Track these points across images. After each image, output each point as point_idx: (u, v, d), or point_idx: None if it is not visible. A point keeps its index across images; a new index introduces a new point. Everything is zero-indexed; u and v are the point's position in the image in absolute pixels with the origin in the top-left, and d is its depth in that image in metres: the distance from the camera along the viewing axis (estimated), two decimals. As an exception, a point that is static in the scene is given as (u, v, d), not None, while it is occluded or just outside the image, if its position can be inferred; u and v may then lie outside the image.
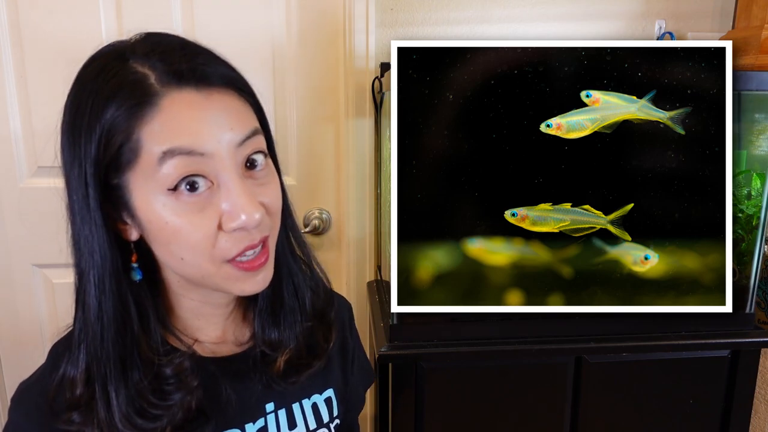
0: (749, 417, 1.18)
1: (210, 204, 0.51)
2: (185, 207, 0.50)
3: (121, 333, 0.53)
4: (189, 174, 0.49)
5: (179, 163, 0.49)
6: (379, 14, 1.37)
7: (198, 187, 0.50)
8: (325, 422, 0.70)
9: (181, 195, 0.50)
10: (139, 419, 0.53)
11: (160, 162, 0.49)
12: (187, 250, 0.52)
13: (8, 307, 1.39)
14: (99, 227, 0.52)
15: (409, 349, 1.07)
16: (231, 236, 0.52)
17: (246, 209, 0.51)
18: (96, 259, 0.53)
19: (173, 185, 0.49)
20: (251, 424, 0.63)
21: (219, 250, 0.52)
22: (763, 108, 1.25)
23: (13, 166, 1.32)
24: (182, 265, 0.54)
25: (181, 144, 0.49)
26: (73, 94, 0.54)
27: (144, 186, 0.50)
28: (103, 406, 0.53)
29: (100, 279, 0.53)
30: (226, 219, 0.51)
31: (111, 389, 0.53)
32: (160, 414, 0.54)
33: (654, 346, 1.11)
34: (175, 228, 0.51)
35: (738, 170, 1.22)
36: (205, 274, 0.54)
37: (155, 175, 0.49)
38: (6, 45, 1.27)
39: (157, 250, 0.55)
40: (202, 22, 1.31)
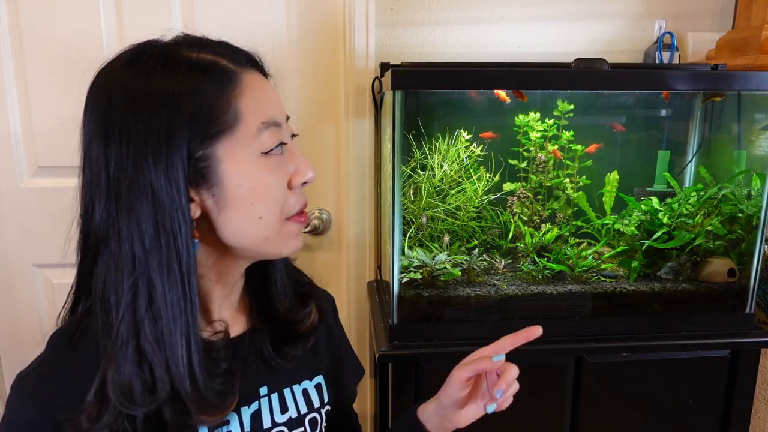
0: (749, 417, 1.18)
1: (284, 165, 0.60)
2: (273, 165, 0.59)
3: (190, 311, 0.56)
4: (278, 141, 0.59)
5: (272, 132, 0.58)
6: (379, 14, 1.37)
7: (282, 149, 0.60)
8: (315, 407, 0.72)
9: (271, 156, 0.58)
10: (211, 391, 0.57)
11: (259, 131, 0.57)
12: (269, 206, 0.59)
13: (8, 307, 1.39)
14: (185, 198, 0.54)
15: (409, 349, 1.07)
16: (294, 194, 0.61)
17: (310, 167, 0.62)
18: (183, 230, 0.54)
19: (268, 150, 0.58)
20: (246, 407, 0.65)
21: (288, 207, 0.61)
22: (763, 108, 1.25)
23: (13, 166, 1.32)
24: (257, 225, 0.59)
25: (272, 117, 0.59)
26: (129, 95, 0.53)
27: (239, 152, 0.56)
28: (190, 388, 0.55)
29: (182, 256, 0.54)
30: (296, 176, 0.61)
31: (196, 368, 0.55)
32: (218, 378, 0.58)
33: (654, 346, 1.11)
34: (267, 183, 0.58)
35: (738, 170, 1.23)
36: (270, 234, 0.60)
37: (253, 142, 0.57)
38: (6, 45, 1.27)
39: (229, 219, 0.57)
40: (202, 22, 1.31)
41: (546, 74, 1.03)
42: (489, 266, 1.23)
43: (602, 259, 1.22)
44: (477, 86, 1.13)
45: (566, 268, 1.18)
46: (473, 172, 1.27)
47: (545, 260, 1.19)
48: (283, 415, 0.68)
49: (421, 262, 1.14)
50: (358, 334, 1.50)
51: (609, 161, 1.35)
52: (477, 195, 1.27)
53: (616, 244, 1.25)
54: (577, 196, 1.29)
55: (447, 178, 1.27)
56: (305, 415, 0.70)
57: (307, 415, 0.71)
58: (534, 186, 1.30)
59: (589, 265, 1.19)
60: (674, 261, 1.21)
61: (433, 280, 1.14)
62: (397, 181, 1.06)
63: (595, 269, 1.20)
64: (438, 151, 1.26)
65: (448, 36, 1.40)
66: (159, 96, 0.53)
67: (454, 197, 1.27)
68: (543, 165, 1.29)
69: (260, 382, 0.68)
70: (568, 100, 1.25)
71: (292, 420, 0.69)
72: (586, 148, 1.28)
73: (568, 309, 1.14)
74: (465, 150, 1.26)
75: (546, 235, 1.23)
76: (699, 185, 1.24)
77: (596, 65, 1.09)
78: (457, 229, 1.28)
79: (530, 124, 1.27)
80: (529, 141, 1.28)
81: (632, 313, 1.15)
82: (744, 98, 1.26)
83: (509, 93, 1.20)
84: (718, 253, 1.20)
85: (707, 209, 1.19)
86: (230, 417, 0.63)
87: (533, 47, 1.42)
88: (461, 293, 1.12)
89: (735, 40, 1.31)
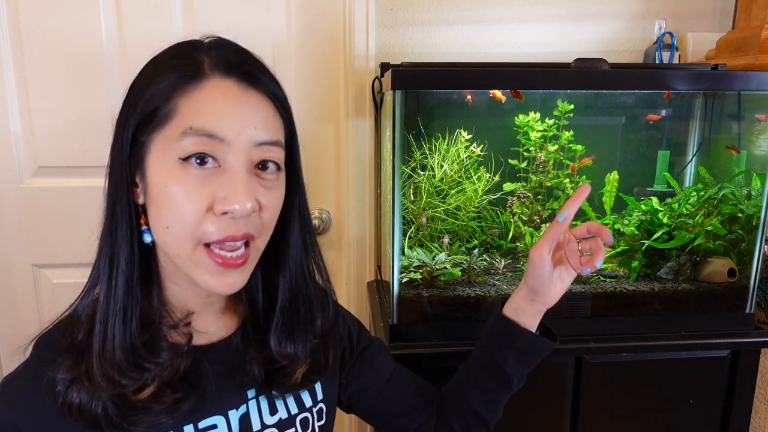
0: (749, 417, 1.18)
1: (209, 183, 0.55)
2: (188, 178, 0.54)
3: (129, 284, 0.57)
4: (202, 151, 0.54)
5: (198, 141, 0.54)
6: (379, 14, 1.37)
7: (206, 162, 0.55)
8: (307, 407, 0.71)
9: (189, 166, 0.55)
10: (127, 366, 0.55)
11: (183, 134, 0.54)
12: (175, 219, 0.55)
13: (8, 307, 1.39)
14: (126, 179, 0.57)
15: (409, 349, 1.07)
16: (217, 221, 0.55)
17: (239, 197, 0.54)
18: (120, 210, 0.57)
19: (185, 156, 0.54)
20: (234, 411, 0.65)
21: (202, 232, 0.55)
22: (763, 108, 1.25)
23: (13, 166, 1.32)
24: (166, 235, 0.56)
25: (207, 126, 0.54)
26: (142, 70, 0.60)
27: (161, 149, 0.55)
28: (99, 343, 0.55)
29: (120, 229, 0.57)
30: (219, 202, 0.55)
31: (110, 328, 0.55)
32: (148, 367, 0.56)
33: (654, 346, 1.11)
34: (172, 194, 0.55)
35: (738, 170, 1.23)
36: (181, 252, 0.57)
37: (174, 143, 0.54)
38: (6, 45, 1.27)
39: (152, 217, 0.58)
40: (201, 23, 1.31)
41: (546, 74, 1.03)
42: (489, 266, 1.23)
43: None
44: (477, 86, 1.13)
45: (566, 268, 1.18)
46: (473, 172, 1.27)
47: (545, 260, 1.19)
48: (273, 417, 0.68)
49: (421, 262, 1.14)
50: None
51: (609, 161, 1.35)
52: (477, 195, 1.27)
53: (616, 244, 1.25)
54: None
55: (447, 178, 1.27)
56: (296, 416, 0.70)
57: (298, 416, 0.70)
58: (534, 186, 1.30)
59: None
60: (674, 261, 1.21)
61: (433, 280, 1.14)
62: (397, 181, 1.06)
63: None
64: (438, 151, 1.26)
65: (448, 36, 1.40)
66: (140, 77, 0.59)
67: (454, 197, 1.27)
68: (543, 165, 1.29)
69: (247, 385, 0.67)
70: (568, 100, 1.25)
71: (282, 421, 0.68)
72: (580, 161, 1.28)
73: (568, 309, 1.13)
74: (465, 150, 1.26)
75: (546, 235, 1.23)
76: (699, 185, 1.24)
77: (596, 65, 1.09)
78: (457, 229, 1.28)
79: (530, 124, 1.27)
80: (529, 141, 1.28)
81: (632, 313, 1.15)
82: (744, 98, 1.26)
83: (506, 93, 1.20)
84: (718, 253, 1.20)
85: (707, 209, 1.19)
86: (217, 420, 0.63)
87: (533, 47, 1.42)
88: (461, 293, 1.12)
89: (735, 40, 1.31)
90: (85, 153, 1.32)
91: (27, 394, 0.57)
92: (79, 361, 0.56)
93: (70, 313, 0.61)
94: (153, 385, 0.56)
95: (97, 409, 0.55)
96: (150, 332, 0.58)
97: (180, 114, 0.55)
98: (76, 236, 1.36)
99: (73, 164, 1.32)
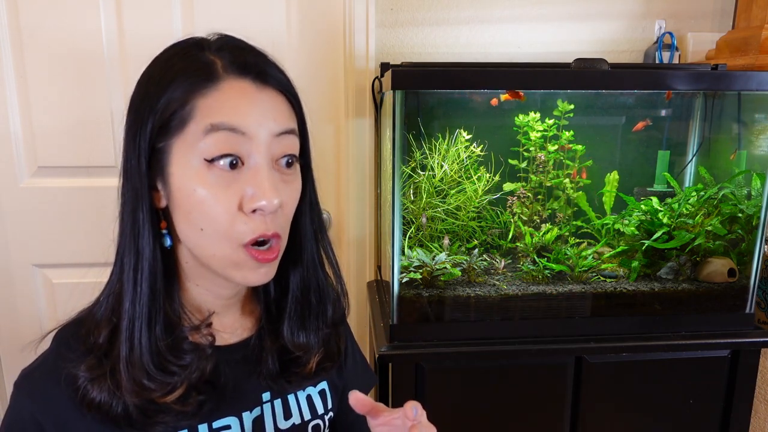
0: (749, 417, 1.18)
1: (236, 182, 0.55)
2: (215, 180, 0.55)
3: (154, 290, 0.57)
4: (228, 152, 0.54)
5: (222, 138, 0.54)
6: (379, 14, 1.37)
7: (235, 166, 0.55)
8: (319, 414, 0.71)
9: (215, 168, 0.54)
10: (154, 370, 0.56)
11: (205, 133, 0.54)
12: (207, 221, 0.55)
13: (8, 307, 1.39)
14: (146, 186, 0.56)
15: (409, 349, 1.07)
16: (249, 219, 0.56)
17: (267, 194, 0.55)
18: (142, 216, 0.57)
19: (211, 157, 0.54)
20: (248, 413, 0.65)
21: (237, 233, 0.56)
22: (763, 108, 1.25)
23: (13, 166, 1.32)
24: (200, 236, 0.57)
25: (228, 120, 0.54)
26: (146, 71, 0.59)
27: (184, 153, 0.55)
28: (126, 349, 0.55)
29: (142, 236, 0.57)
30: (248, 200, 0.55)
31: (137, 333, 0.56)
32: (174, 370, 0.57)
33: (654, 346, 1.11)
34: (200, 198, 0.55)
35: (738, 170, 1.23)
36: (218, 252, 0.57)
37: (197, 144, 0.54)
38: (6, 45, 1.27)
39: (179, 220, 0.58)
40: (201, 22, 1.31)
41: (546, 74, 1.03)
42: (489, 266, 1.23)
43: (602, 259, 1.22)
44: (477, 86, 1.13)
45: (566, 268, 1.18)
46: (473, 172, 1.27)
47: (545, 260, 1.19)
48: (287, 422, 0.68)
49: (421, 262, 1.14)
50: (358, 334, 1.50)
51: (609, 161, 1.35)
52: (477, 195, 1.27)
53: (616, 244, 1.25)
54: (577, 196, 1.29)
55: (447, 178, 1.27)
56: (309, 422, 0.70)
57: (311, 422, 0.70)
58: (534, 186, 1.30)
59: (589, 265, 1.18)
60: (674, 261, 1.21)
61: (433, 280, 1.14)
62: (397, 181, 1.06)
63: (595, 269, 1.20)
64: (438, 151, 1.26)
65: (448, 36, 1.40)
66: (150, 82, 0.57)
67: (454, 197, 1.27)
68: (543, 165, 1.29)
69: (263, 388, 0.67)
70: (568, 100, 1.25)
71: (296, 426, 0.68)
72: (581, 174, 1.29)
73: (568, 309, 1.13)
74: (465, 150, 1.26)
75: (546, 235, 1.23)
76: (699, 185, 1.24)
77: (596, 65, 1.09)
78: (457, 229, 1.28)
79: (530, 124, 1.27)
80: (529, 141, 1.28)
81: (632, 313, 1.15)
82: (744, 98, 1.26)
83: (499, 97, 1.21)
84: (718, 253, 1.20)
85: (707, 209, 1.19)
86: (231, 421, 0.63)
87: (533, 47, 1.42)
88: (461, 293, 1.12)
89: (735, 40, 1.31)
90: (85, 153, 1.32)
91: (46, 387, 0.58)
92: (102, 362, 0.57)
93: (87, 314, 0.62)
94: (181, 388, 0.57)
95: (117, 409, 0.56)
96: (173, 335, 0.58)
97: (199, 113, 0.54)
98: (76, 236, 1.36)
99: (73, 164, 1.32)
